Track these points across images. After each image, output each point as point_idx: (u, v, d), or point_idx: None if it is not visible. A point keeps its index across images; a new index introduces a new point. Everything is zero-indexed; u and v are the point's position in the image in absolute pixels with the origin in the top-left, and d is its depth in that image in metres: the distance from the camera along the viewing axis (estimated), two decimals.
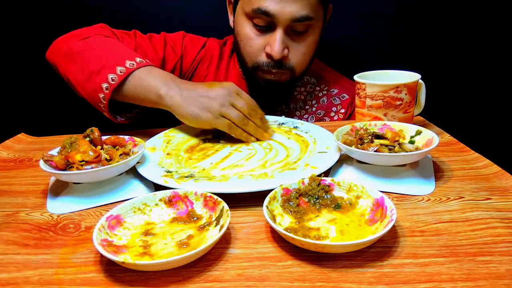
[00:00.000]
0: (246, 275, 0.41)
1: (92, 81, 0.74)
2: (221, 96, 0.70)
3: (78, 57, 0.78)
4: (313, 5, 0.81)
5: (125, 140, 0.64)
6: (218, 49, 1.00)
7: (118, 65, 0.73)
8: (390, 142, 0.59)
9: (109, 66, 0.74)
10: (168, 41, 0.95)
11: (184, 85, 0.73)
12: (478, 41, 1.24)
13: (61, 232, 0.51)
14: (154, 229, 0.49)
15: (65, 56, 0.80)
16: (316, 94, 1.00)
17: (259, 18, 0.82)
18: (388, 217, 0.45)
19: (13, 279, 0.42)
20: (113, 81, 0.73)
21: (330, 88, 1.00)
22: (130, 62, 0.74)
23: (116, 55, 0.76)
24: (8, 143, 0.84)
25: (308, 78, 1.00)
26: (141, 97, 0.74)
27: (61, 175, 0.55)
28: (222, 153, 0.71)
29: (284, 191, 0.53)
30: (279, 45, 0.81)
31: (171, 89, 0.72)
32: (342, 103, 0.99)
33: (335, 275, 0.41)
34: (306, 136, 0.76)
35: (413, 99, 0.74)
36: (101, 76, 0.73)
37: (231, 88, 0.72)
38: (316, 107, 0.99)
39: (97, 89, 0.74)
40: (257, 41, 0.85)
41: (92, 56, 0.76)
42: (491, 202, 0.53)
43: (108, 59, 0.75)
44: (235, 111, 0.70)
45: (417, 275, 0.40)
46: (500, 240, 0.45)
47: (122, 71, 0.73)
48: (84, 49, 0.78)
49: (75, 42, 0.80)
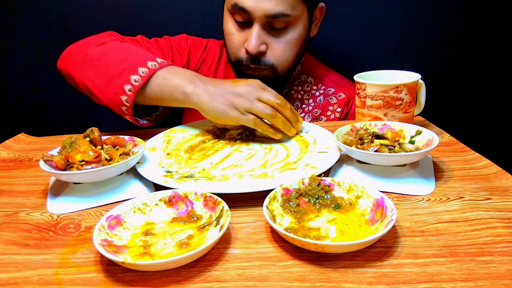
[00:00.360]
0: (246, 275, 0.41)
1: (114, 84, 0.73)
2: (247, 92, 0.70)
3: (96, 62, 0.77)
4: (291, 2, 0.81)
5: (125, 140, 0.64)
6: (219, 50, 1.01)
7: (140, 66, 0.73)
8: (390, 142, 0.59)
9: (130, 69, 0.73)
10: (174, 45, 0.96)
11: (210, 82, 0.73)
12: (478, 41, 1.24)
13: (61, 232, 0.51)
14: (154, 229, 0.49)
15: (82, 63, 0.79)
16: (313, 93, 1.00)
17: (238, 14, 0.83)
18: (388, 217, 0.45)
19: (13, 279, 0.42)
20: (136, 82, 0.72)
21: (327, 87, 1.01)
22: (152, 63, 0.74)
23: (136, 57, 0.76)
24: (8, 143, 0.84)
25: (305, 77, 1.00)
26: (166, 97, 0.74)
27: (61, 175, 0.55)
28: (222, 153, 0.71)
29: (284, 191, 0.53)
30: (254, 40, 0.82)
31: (197, 86, 0.72)
32: (338, 102, 0.99)
33: (335, 275, 0.41)
34: (306, 136, 0.76)
35: (413, 99, 0.74)
36: (123, 78, 0.73)
37: (256, 84, 0.72)
38: (312, 106, 0.99)
39: (119, 92, 0.73)
40: (237, 37, 0.86)
41: (111, 60, 0.76)
42: (491, 202, 0.53)
43: (129, 61, 0.75)
44: (261, 104, 0.70)
45: (417, 275, 0.40)
46: (500, 240, 0.45)
47: (145, 72, 0.73)
48: (102, 53, 0.77)
49: (92, 48, 0.79)
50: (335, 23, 1.19)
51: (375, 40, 1.24)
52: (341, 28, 1.21)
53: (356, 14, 1.21)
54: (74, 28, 1.18)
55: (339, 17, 1.19)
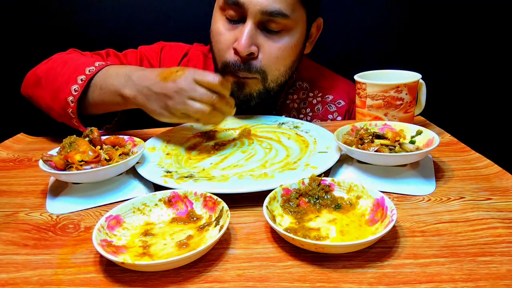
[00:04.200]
0: (246, 276, 0.41)
1: (59, 98, 0.72)
2: (178, 92, 0.63)
3: (43, 81, 0.76)
4: (291, 3, 0.74)
5: (124, 140, 0.64)
6: (202, 58, 0.94)
7: (79, 75, 0.71)
8: (391, 142, 0.59)
9: (71, 79, 0.71)
10: (144, 55, 0.92)
11: (142, 80, 0.67)
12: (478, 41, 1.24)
13: (60, 232, 0.51)
14: (153, 230, 0.49)
15: (34, 84, 0.78)
16: (310, 101, 0.94)
17: (231, 9, 0.76)
18: (388, 217, 0.45)
19: (12, 279, 0.42)
20: (76, 91, 0.70)
21: (324, 94, 0.94)
22: (89, 68, 0.72)
23: (76, 66, 0.73)
24: (8, 143, 0.84)
25: (301, 83, 0.94)
26: (109, 103, 0.72)
27: (60, 175, 0.55)
28: (222, 153, 0.71)
29: (284, 191, 0.52)
30: (246, 38, 0.74)
31: (131, 88, 0.68)
32: (338, 110, 0.93)
33: (335, 276, 0.41)
34: (306, 136, 0.76)
35: (413, 99, 0.74)
36: (65, 90, 0.71)
37: (188, 79, 0.64)
38: (311, 116, 0.93)
39: (65, 106, 0.72)
40: (227, 36, 0.78)
41: (55, 75, 0.74)
42: (491, 202, 0.53)
43: (69, 72, 0.73)
44: (195, 104, 0.63)
45: (417, 276, 0.40)
46: (500, 241, 0.45)
47: (83, 79, 0.71)
48: (47, 70, 0.76)
49: (40, 68, 0.79)
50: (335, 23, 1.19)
51: (375, 40, 1.24)
52: (341, 28, 1.21)
53: (356, 14, 1.21)
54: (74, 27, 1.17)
55: (339, 17, 1.19)
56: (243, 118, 0.87)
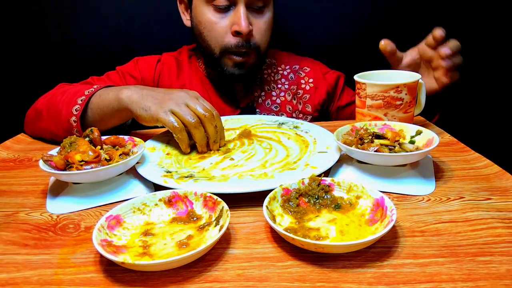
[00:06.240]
0: (246, 275, 0.41)
1: (61, 122, 0.76)
2: (179, 97, 0.69)
3: (44, 112, 0.80)
4: None
5: (124, 140, 0.64)
6: (174, 60, 1.01)
7: (79, 97, 0.76)
8: (390, 142, 0.59)
9: (72, 102, 0.76)
10: (126, 72, 0.97)
11: (147, 88, 0.73)
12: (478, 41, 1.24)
13: (60, 232, 0.51)
14: (153, 229, 0.49)
15: (36, 119, 0.83)
16: (282, 73, 1.03)
17: None
18: (388, 217, 0.45)
19: (12, 279, 0.42)
20: (77, 111, 0.75)
21: (291, 65, 1.04)
22: (88, 90, 0.77)
23: (75, 92, 0.78)
24: (8, 143, 0.84)
25: (269, 60, 1.04)
26: (105, 111, 0.75)
27: (60, 175, 0.55)
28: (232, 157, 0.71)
29: (284, 191, 0.53)
30: (245, 19, 0.84)
31: (130, 89, 0.72)
32: (307, 74, 1.03)
33: (335, 275, 0.41)
34: (306, 136, 0.76)
35: (413, 99, 0.74)
36: (67, 113, 0.75)
37: (191, 93, 0.71)
38: (288, 84, 1.02)
39: (69, 129, 0.76)
40: (221, 23, 0.87)
41: (55, 103, 0.79)
42: (491, 202, 0.53)
43: (69, 97, 0.77)
44: (187, 110, 0.67)
45: (417, 276, 0.40)
46: (500, 240, 0.45)
47: (83, 99, 0.75)
48: (47, 102, 0.81)
49: (38, 103, 0.84)
50: (335, 23, 1.19)
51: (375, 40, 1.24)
52: (341, 28, 1.21)
53: (356, 14, 1.21)
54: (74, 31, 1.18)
55: (339, 17, 1.19)
56: (243, 118, 0.87)
